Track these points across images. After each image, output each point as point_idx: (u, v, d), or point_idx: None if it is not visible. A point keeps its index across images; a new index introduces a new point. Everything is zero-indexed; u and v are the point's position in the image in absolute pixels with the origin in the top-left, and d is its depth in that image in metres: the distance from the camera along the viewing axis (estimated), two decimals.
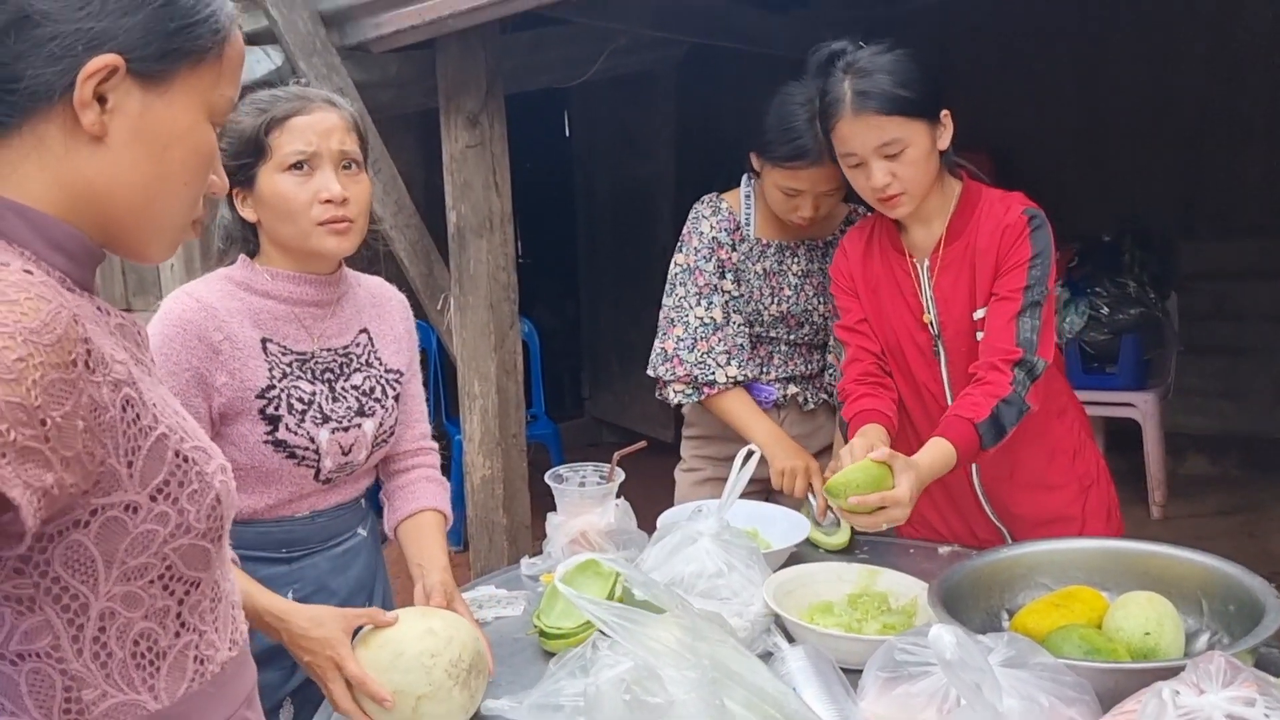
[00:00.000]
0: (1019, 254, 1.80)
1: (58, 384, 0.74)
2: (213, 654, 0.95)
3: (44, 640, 0.84)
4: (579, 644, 1.41)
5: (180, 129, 0.89)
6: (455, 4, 2.70)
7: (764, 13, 4.55)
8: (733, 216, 2.21)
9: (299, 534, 1.61)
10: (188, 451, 0.89)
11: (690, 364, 2.17)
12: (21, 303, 0.74)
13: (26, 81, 0.82)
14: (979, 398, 1.74)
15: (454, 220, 3.12)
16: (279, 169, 1.53)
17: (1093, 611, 1.45)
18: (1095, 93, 5.00)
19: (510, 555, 3.18)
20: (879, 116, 1.75)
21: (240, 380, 1.51)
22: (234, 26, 0.93)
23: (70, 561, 0.83)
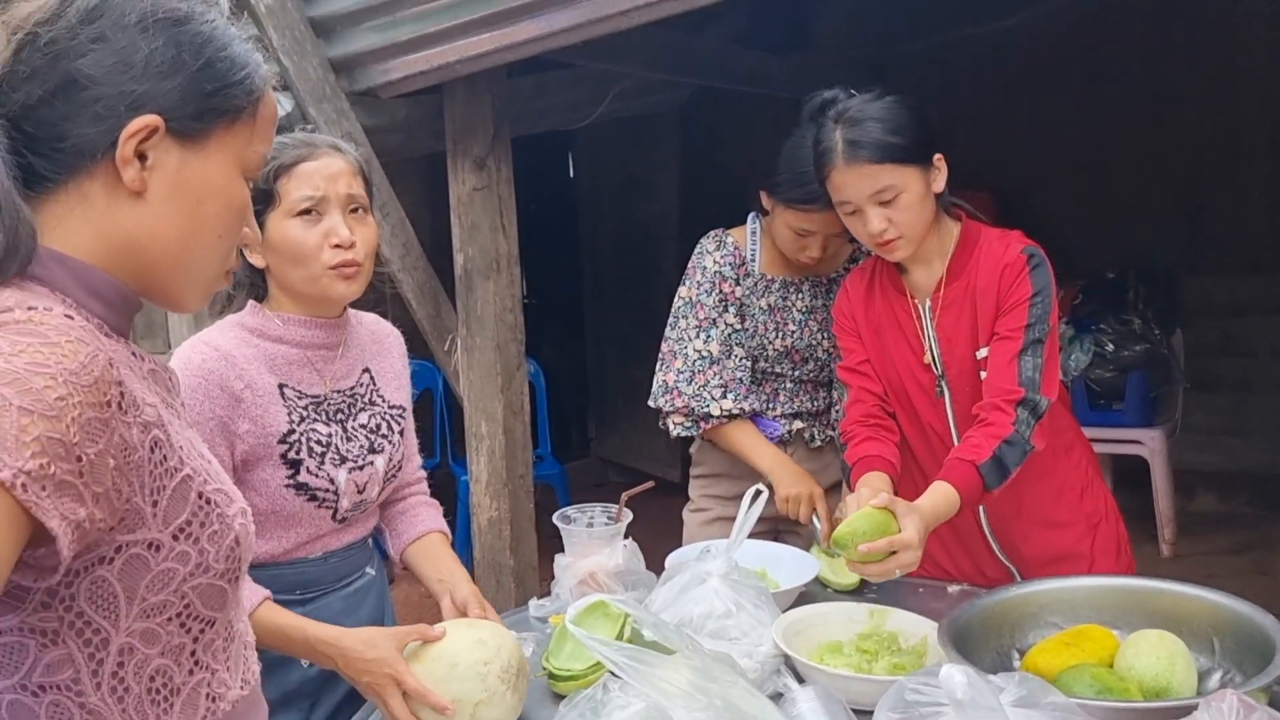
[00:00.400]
0: (1019, 292, 1.81)
1: (93, 423, 0.78)
2: (224, 692, 0.98)
3: (65, 673, 0.86)
4: (589, 686, 1.41)
5: (215, 184, 0.94)
6: (462, 50, 2.75)
7: (766, 54, 4.61)
8: (738, 251, 2.23)
9: (312, 575, 1.63)
10: (210, 494, 0.92)
11: (688, 396, 2.18)
12: (62, 345, 0.78)
13: (72, 140, 0.87)
14: (980, 439, 1.74)
15: (461, 262, 3.15)
16: (288, 214, 1.55)
17: (1104, 650, 1.44)
18: (1096, 131, 5.04)
19: (518, 597, 3.17)
20: (871, 165, 1.77)
21: (262, 426, 1.53)
22: (267, 88, 0.97)
23: (94, 596, 0.85)
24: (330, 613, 1.62)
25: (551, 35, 2.60)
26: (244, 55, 0.95)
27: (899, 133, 1.77)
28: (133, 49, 0.88)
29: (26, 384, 0.75)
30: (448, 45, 2.77)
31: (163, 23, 0.90)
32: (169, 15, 0.90)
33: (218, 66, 0.92)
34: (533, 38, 2.62)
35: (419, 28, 2.78)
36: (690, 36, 3.92)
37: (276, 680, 1.52)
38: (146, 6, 0.89)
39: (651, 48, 3.59)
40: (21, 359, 0.76)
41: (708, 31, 4.18)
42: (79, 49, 0.87)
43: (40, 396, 0.75)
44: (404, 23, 2.81)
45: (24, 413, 0.74)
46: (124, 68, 0.88)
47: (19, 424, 0.73)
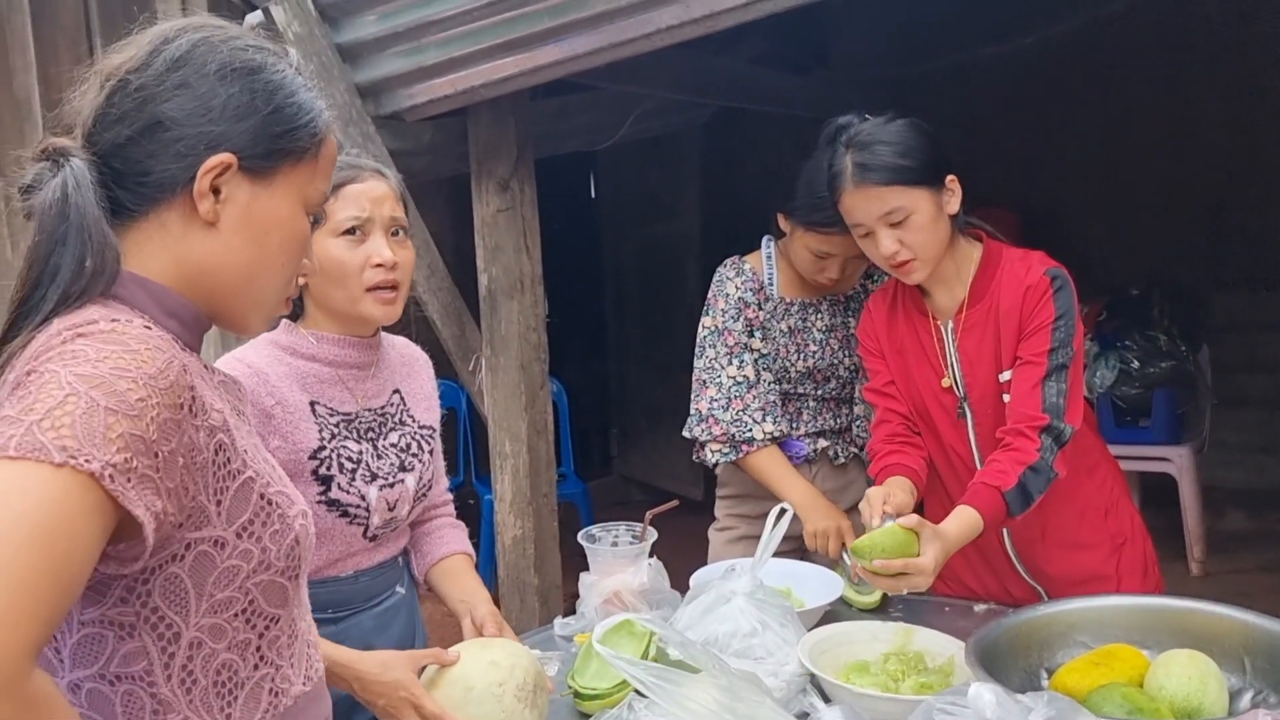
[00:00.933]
0: (1042, 316, 1.80)
1: (169, 423, 0.86)
2: (287, 687, 1.04)
3: (139, 664, 0.93)
4: (614, 705, 1.41)
5: (281, 217, 1.03)
6: (486, 74, 2.78)
7: (787, 74, 4.63)
8: (756, 277, 2.24)
9: (344, 594, 1.64)
10: (272, 495, 0.99)
11: (726, 423, 2.18)
12: (141, 352, 0.87)
13: (155, 175, 0.97)
14: (1006, 464, 1.74)
15: (485, 282, 3.17)
16: (332, 234, 1.58)
17: (1134, 670, 1.44)
18: (1119, 146, 5.03)
19: (542, 615, 3.17)
20: (879, 187, 1.78)
21: (293, 443, 1.55)
22: (330, 131, 1.07)
23: (167, 592, 0.92)
24: (361, 631, 1.63)
25: (574, 59, 2.62)
26: (309, 102, 1.05)
27: (907, 155, 1.78)
28: (212, 94, 0.98)
29: (112, 386, 0.83)
30: (472, 69, 2.80)
31: (239, 72, 1.00)
32: (244, 65, 1.00)
33: (286, 111, 1.02)
34: (556, 61, 2.64)
35: (444, 53, 2.81)
36: (711, 57, 3.94)
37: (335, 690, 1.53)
38: (225, 57, 1.00)
39: (673, 69, 3.61)
40: (107, 364, 0.84)
41: (729, 53, 4.21)
42: (165, 94, 0.97)
43: (124, 398, 0.83)
44: (429, 48, 2.84)
45: (110, 412, 0.81)
46: (204, 111, 0.98)
47: (105, 422, 0.81)
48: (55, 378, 0.82)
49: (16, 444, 0.78)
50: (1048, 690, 1.39)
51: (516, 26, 2.63)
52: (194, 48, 0.99)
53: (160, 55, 0.99)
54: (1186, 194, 4.95)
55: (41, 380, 0.83)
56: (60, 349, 0.85)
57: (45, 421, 0.79)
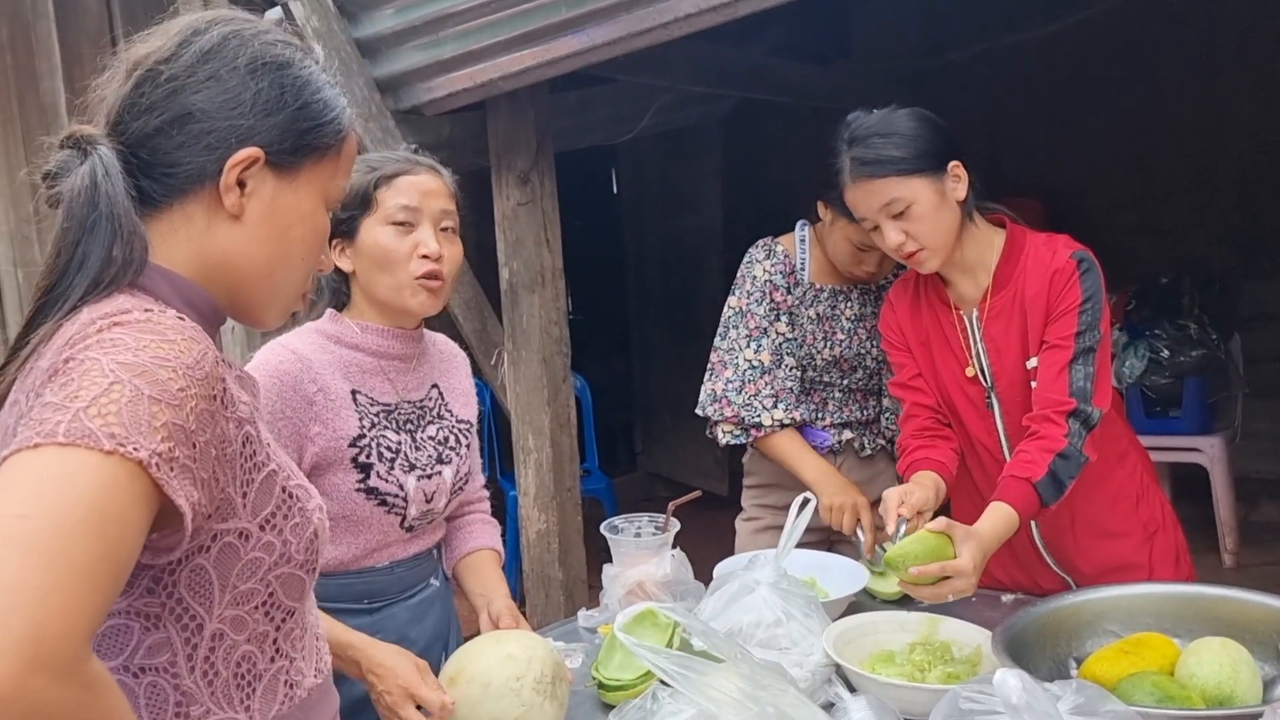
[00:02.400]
0: (1068, 299, 1.78)
1: (205, 414, 0.86)
2: (300, 680, 1.04)
3: (164, 656, 0.93)
4: (638, 695, 1.40)
5: (303, 212, 1.04)
6: (505, 66, 2.77)
7: (807, 66, 4.59)
8: (788, 260, 2.22)
9: (379, 584, 1.65)
10: (293, 489, 0.99)
11: (738, 405, 2.18)
12: (179, 342, 0.87)
13: (184, 167, 0.97)
14: (1034, 454, 1.72)
15: (506, 276, 3.17)
16: (382, 222, 1.60)
17: (1164, 659, 1.41)
18: (1147, 133, 4.96)
19: (566, 609, 3.17)
20: (874, 180, 1.78)
21: (333, 430, 1.56)
22: (352, 129, 1.08)
23: (192, 583, 0.92)
24: (396, 623, 1.64)
25: (593, 49, 2.61)
26: (334, 99, 1.06)
27: (901, 145, 1.77)
28: (242, 88, 0.99)
29: (154, 375, 0.83)
30: (490, 62, 2.79)
31: (269, 66, 1.00)
32: (274, 60, 1.01)
33: (312, 108, 1.03)
34: (574, 52, 2.64)
35: (462, 46, 2.81)
36: (732, 49, 3.92)
37: (345, 689, 1.53)
38: (255, 51, 1.00)
39: (693, 61, 3.60)
40: (147, 353, 0.84)
41: (749, 44, 4.18)
42: (195, 86, 0.97)
43: (165, 387, 0.83)
44: (447, 41, 2.84)
45: (154, 401, 0.81)
46: (234, 104, 0.98)
47: (150, 411, 0.81)
48: (97, 365, 0.82)
49: (66, 430, 0.78)
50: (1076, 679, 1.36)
51: (534, 18, 2.62)
52: (225, 40, 0.99)
53: (191, 46, 0.98)
54: (1216, 180, 4.88)
55: (83, 368, 0.82)
56: (98, 337, 0.85)
57: (92, 409, 0.79)
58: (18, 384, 0.91)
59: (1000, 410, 1.89)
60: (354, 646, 1.44)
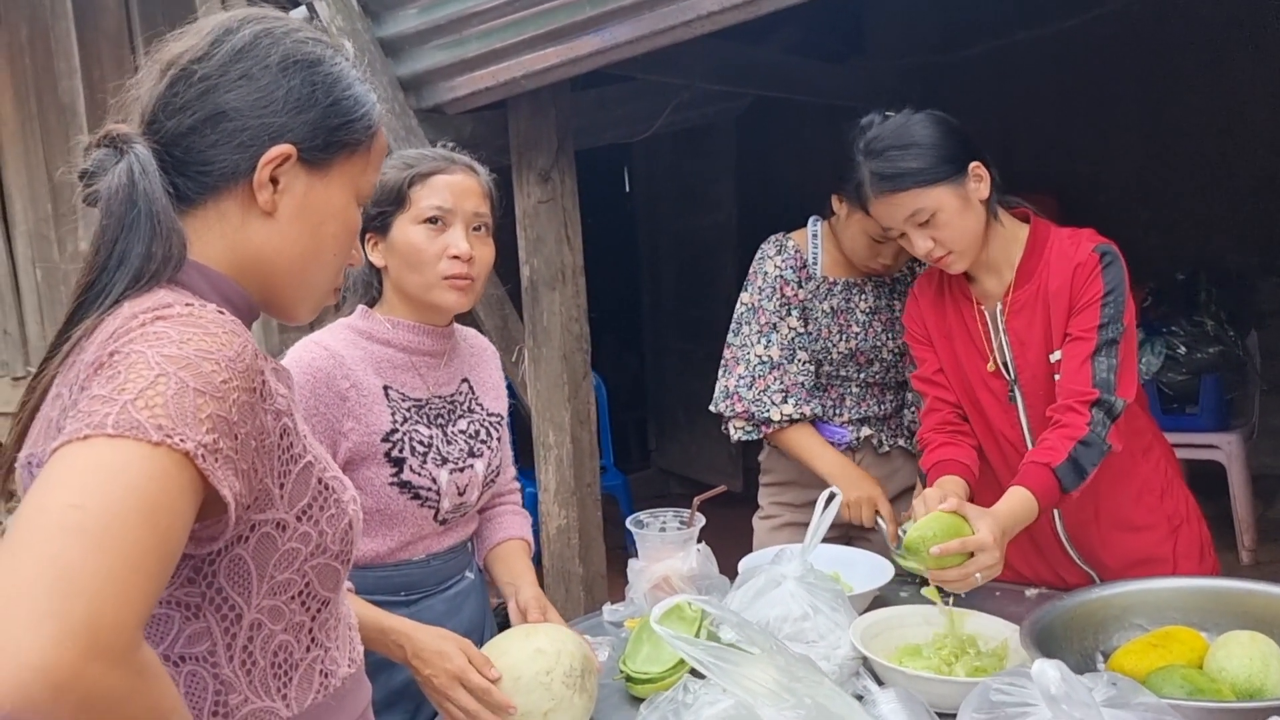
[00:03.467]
0: (1091, 291, 1.78)
1: (246, 405, 0.87)
2: (335, 669, 1.05)
3: (203, 645, 0.94)
4: (667, 688, 1.42)
5: (335, 208, 1.05)
6: (527, 65, 2.78)
7: (822, 63, 4.60)
8: (799, 255, 2.23)
9: (416, 577, 1.67)
10: (329, 480, 1.00)
11: (748, 401, 2.18)
12: (220, 336, 0.88)
13: (218, 165, 0.99)
14: (1055, 441, 1.72)
15: (527, 274, 3.19)
16: (415, 220, 1.61)
17: (1193, 652, 1.42)
18: (1162, 129, 4.95)
19: (587, 604, 3.18)
20: (897, 194, 1.78)
21: (366, 425, 1.57)
22: (380, 125, 1.09)
23: (231, 573, 0.93)
24: (433, 615, 1.65)
25: (615, 48, 2.62)
26: (364, 95, 1.06)
27: (920, 155, 1.77)
28: (275, 86, 1.00)
29: (198, 368, 0.84)
30: (512, 61, 2.81)
31: (300, 64, 1.01)
32: (305, 58, 1.02)
33: (343, 104, 1.03)
34: (596, 51, 2.65)
35: (484, 45, 2.82)
36: (747, 47, 3.93)
37: (384, 680, 1.55)
38: (287, 49, 1.01)
39: (710, 59, 3.61)
40: (190, 346, 0.85)
41: (764, 42, 4.19)
42: (228, 84, 0.99)
43: (209, 379, 0.84)
44: (470, 40, 2.85)
45: (199, 394, 0.83)
46: (266, 102, 0.99)
47: (195, 403, 0.82)
48: (143, 358, 0.83)
49: (114, 422, 0.79)
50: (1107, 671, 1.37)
51: (557, 16, 2.64)
52: (257, 39, 1.00)
53: (223, 45, 0.99)
54: (1232, 177, 4.87)
55: (129, 361, 0.84)
56: (141, 331, 0.86)
57: (139, 401, 0.80)
58: (59, 378, 0.92)
59: (1024, 404, 1.89)
60: (397, 631, 1.45)
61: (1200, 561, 1.92)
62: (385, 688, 1.56)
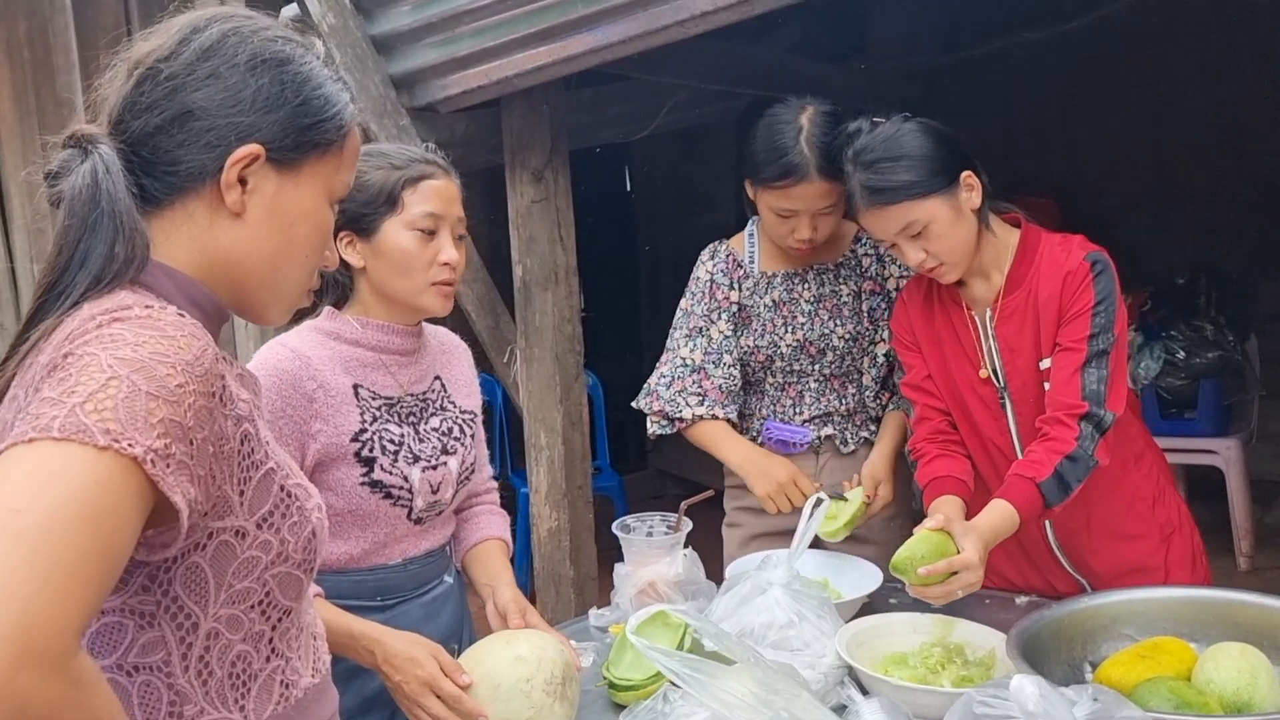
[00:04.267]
0: (1081, 301, 1.77)
1: (203, 410, 0.86)
2: (296, 679, 1.03)
3: (158, 654, 0.93)
4: (649, 696, 1.40)
5: (306, 208, 1.03)
6: (520, 64, 2.77)
7: (823, 63, 4.58)
8: (731, 257, 2.22)
9: (392, 581, 1.65)
10: (291, 487, 0.99)
11: (664, 400, 2.20)
12: (178, 339, 0.87)
13: (185, 165, 0.97)
14: (1042, 454, 1.71)
15: (520, 274, 3.17)
16: (407, 226, 1.60)
17: (1181, 664, 1.41)
18: (1163, 132, 4.93)
19: (578, 607, 3.17)
20: (890, 207, 1.76)
21: (334, 426, 1.56)
22: (354, 124, 1.07)
23: (188, 581, 0.92)
24: (409, 620, 1.63)
25: (608, 47, 2.60)
26: (336, 94, 1.04)
27: (911, 168, 1.75)
28: (242, 85, 0.98)
29: (152, 371, 0.83)
30: (505, 59, 2.79)
31: (269, 63, 0.99)
32: (274, 56, 1.00)
33: (314, 104, 1.02)
34: (589, 49, 2.63)
35: (477, 43, 2.81)
36: (747, 47, 3.91)
37: (357, 687, 1.54)
38: (255, 48, 0.99)
39: (708, 59, 3.59)
40: (146, 349, 0.84)
41: (764, 42, 4.17)
42: (195, 84, 0.97)
43: (164, 383, 0.83)
44: (463, 38, 2.83)
45: (151, 397, 0.81)
46: (234, 101, 0.98)
47: (147, 407, 0.81)
48: (95, 360, 0.82)
49: (61, 425, 0.78)
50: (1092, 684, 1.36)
51: (549, 15, 2.62)
52: (224, 37, 0.99)
53: (190, 44, 0.98)
54: (1233, 180, 4.84)
55: (82, 363, 0.83)
56: (98, 333, 0.85)
57: (88, 404, 0.79)
58: (17, 379, 0.91)
59: (1013, 411, 1.87)
60: (368, 636, 1.44)
61: (1192, 570, 1.91)
62: (359, 694, 1.54)
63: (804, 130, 1.98)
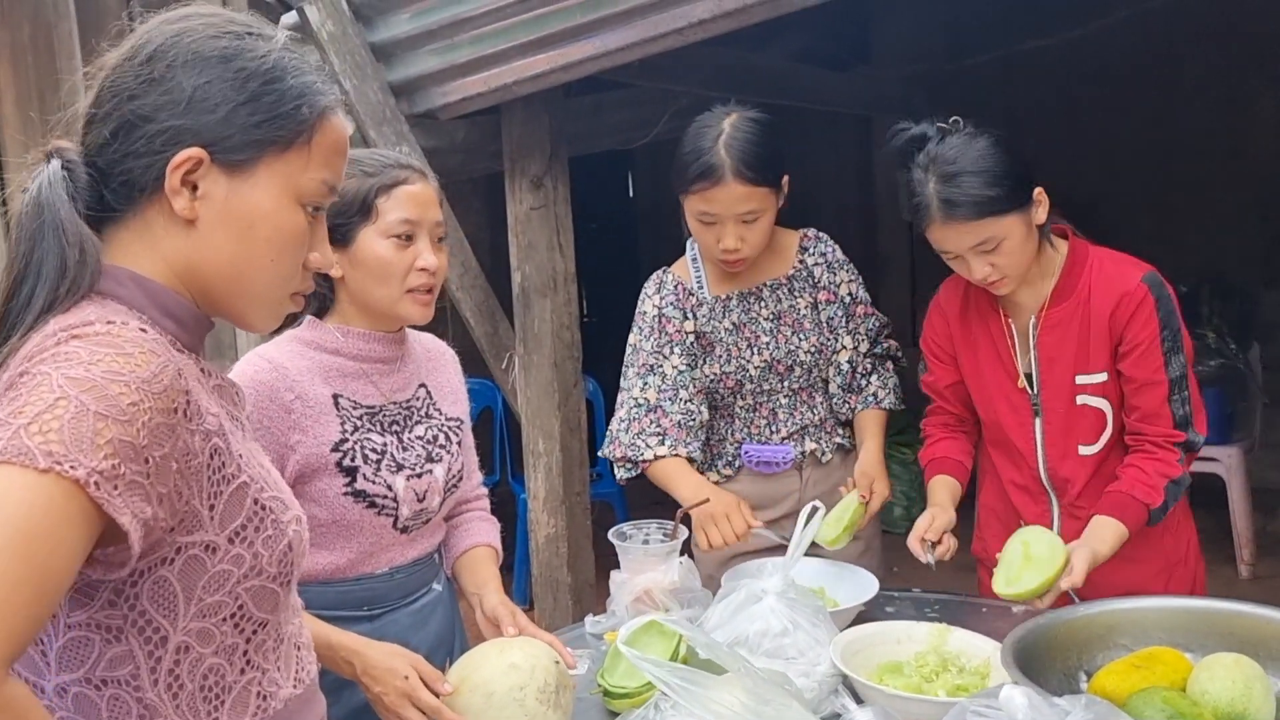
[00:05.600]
0: (1147, 332, 1.78)
1: (161, 428, 0.85)
2: (275, 690, 1.02)
3: (126, 669, 0.92)
4: (643, 703, 1.40)
5: (265, 210, 0.98)
6: (519, 71, 2.77)
7: (826, 71, 4.58)
8: (680, 286, 2.15)
9: (379, 591, 1.64)
10: (266, 500, 0.98)
11: (625, 445, 2.12)
12: (136, 355, 0.85)
13: (134, 175, 0.95)
14: (1153, 477, 1.79)
15: (519, 280, 3.17)
16: (383, 234, 1.58)
17: (1176, 674, 1.40)
18: (1167, 140, 4.92)
19: (575, 613, 3.16)
20: (970, 222, 1.74)
21: (314, 436, 1.55)
22: (327, 117, 1.00)
23: (156, 596, 0.91)
24: (397, 629, 1.62)
25: (607, 54, 2.61)
26: (296, 87, 0.98)
27: (996, 184, 1.72)
28: (179, 87, 0.94)
29: (103, 391, 0.82)
30: (505, 66, 2.80)
31: (210, 60, 0.95)
32: (218, 54, 0.95)
33: (264, 100, 0.96)
34: (588, 57, 2.64)
35: (477, 50, 2.81)
36: (749, 54, 3.91)
37: (346, 698, 1.53)
38: (198, 48, 0.95)
39: (709, 66, 3.59)
40: (99, 368, 0.83)
41: (767, 49, 4.17)
42: (139, 91, 0.95)
43: (115, 402, 0.82)
44: (462, 45, 2.84)
45: (100, 417, 0.80)
46: (171, 105, 0.94)
47: (94, 428, 0.80)
48: (47, 380, 0.81)
49: (3, 447, 0.77)
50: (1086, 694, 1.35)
51: (549, 22, 2.62)
52: (168, 41, 0.95)
53: (140, 52, 0.96)
54: (1235, 189, 4.84)
55: (34, 383, 0.82)
56: (54, 350, 0.84)
57: (33, 426, 0.78)
58: None
59: (1042, 419, 1.90)
60: (346, 647, 1.43)
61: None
62: (347, 706, 1.53)
63: (724, 134, 1.95)
